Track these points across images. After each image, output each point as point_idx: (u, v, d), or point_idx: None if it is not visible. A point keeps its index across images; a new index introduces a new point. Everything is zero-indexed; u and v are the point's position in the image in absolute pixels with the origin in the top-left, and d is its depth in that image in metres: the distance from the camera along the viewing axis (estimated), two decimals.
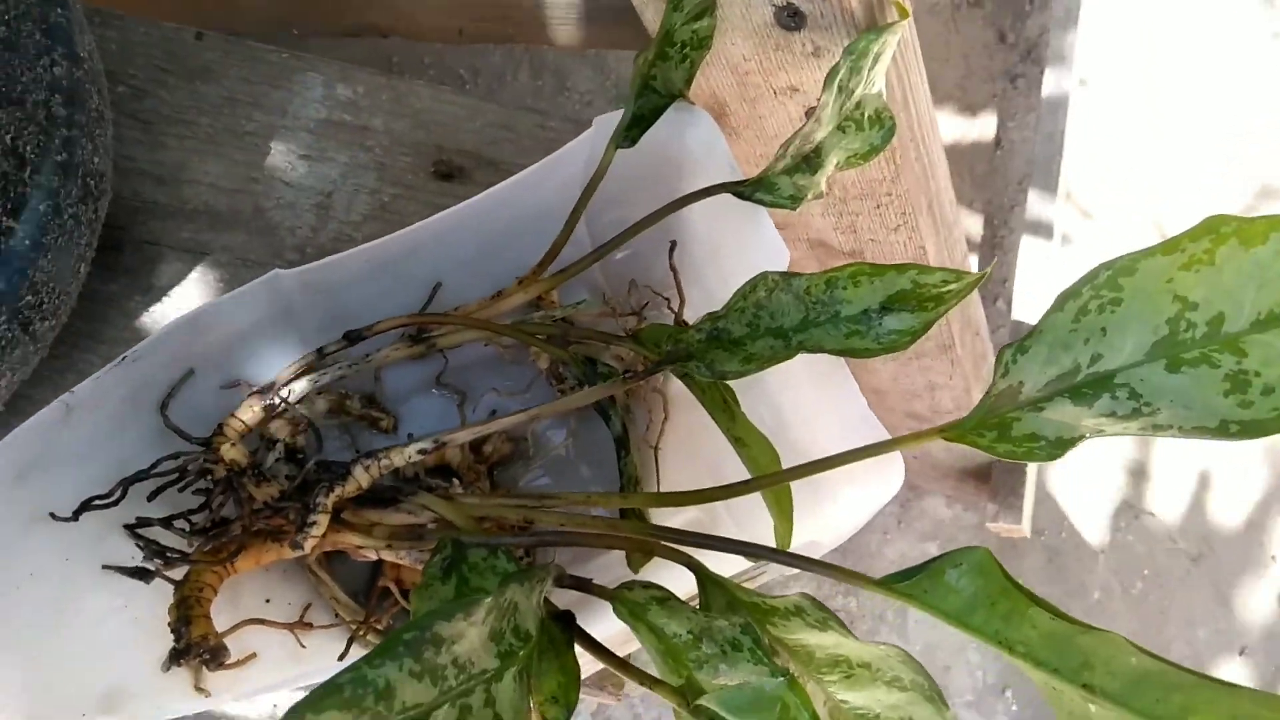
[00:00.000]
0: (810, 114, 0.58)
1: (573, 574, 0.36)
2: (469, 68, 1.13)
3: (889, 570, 0.62)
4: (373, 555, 0.41)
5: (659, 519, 0.47)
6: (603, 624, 0.36)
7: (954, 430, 0.33)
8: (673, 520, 0.49)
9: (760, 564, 0.41)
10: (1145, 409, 0.30)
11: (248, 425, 0.45)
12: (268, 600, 0.45)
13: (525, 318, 0.49)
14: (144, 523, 0.42)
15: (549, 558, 0.47)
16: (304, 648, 0.44)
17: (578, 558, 0.50)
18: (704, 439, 0.50)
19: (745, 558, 0.35)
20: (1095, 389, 0.30)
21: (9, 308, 0.42)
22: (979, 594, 0.30)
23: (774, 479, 0.40)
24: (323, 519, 0.39)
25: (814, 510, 0.43)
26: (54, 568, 0.39)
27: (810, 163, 0.42)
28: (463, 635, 0.29)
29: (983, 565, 0.30)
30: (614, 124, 0.44)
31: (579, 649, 0.34)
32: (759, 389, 0.44)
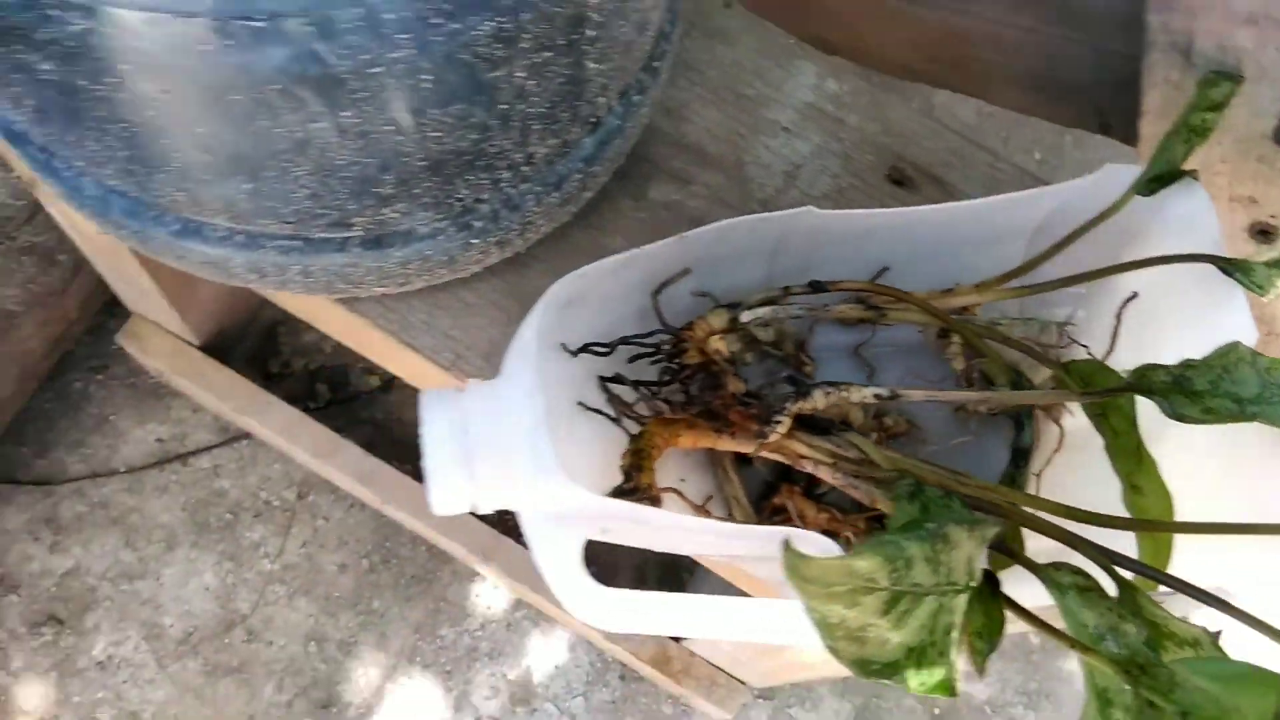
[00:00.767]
0: (1254, 230, 0.61)
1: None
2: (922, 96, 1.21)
3: None
4: (809, 467, 0.47)
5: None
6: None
7: None
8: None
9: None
10: None
11: (712, 329, 0.52)
12: (682, 479, 0.52)
13: (961, 319, 0.54)
14: (618, 379, 0.50)
15: None
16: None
17: None
18: (1068, 479, 0.54)
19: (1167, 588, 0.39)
20: None
21: (588, 170, 0.52)
22: None
23: (1179, 528, 0.44)
24: (787, 421, 0.46)
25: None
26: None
27: None
28: (959, 544, 0.35)
29: None
30: (1119, 174, 0.49)
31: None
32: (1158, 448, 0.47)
